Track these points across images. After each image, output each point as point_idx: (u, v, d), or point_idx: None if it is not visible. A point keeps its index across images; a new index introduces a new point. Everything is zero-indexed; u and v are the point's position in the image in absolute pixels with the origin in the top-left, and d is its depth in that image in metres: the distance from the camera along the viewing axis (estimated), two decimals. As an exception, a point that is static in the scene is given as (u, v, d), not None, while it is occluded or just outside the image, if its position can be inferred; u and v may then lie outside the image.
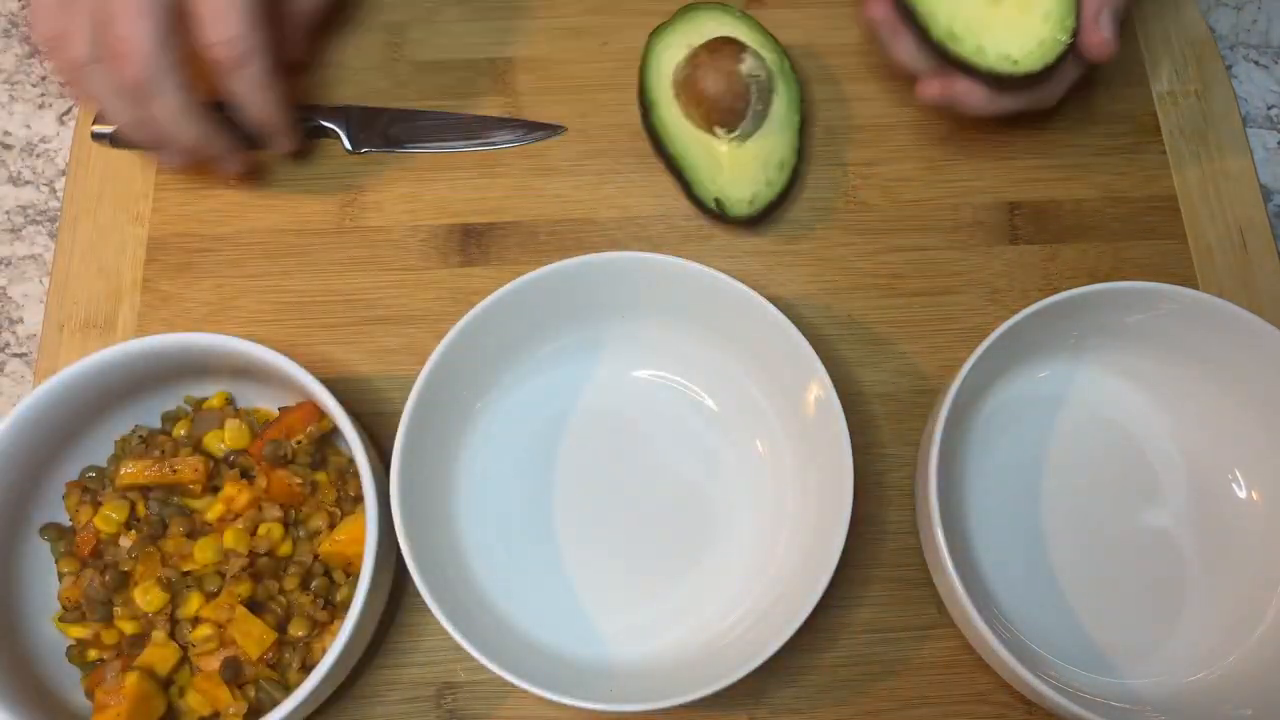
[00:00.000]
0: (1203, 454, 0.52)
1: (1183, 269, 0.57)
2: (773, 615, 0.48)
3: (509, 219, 0.58)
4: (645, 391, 0.54)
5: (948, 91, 0.52)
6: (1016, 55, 0.49)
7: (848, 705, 0.50)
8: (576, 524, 0.52)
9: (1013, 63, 0.49)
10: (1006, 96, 0.52)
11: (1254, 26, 0.65)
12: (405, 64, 0.61)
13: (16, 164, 0.62)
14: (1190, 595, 0.51)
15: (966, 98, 0.52)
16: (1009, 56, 0.49)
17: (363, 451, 0.46)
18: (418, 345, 0.55)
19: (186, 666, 0.47)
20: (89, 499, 0.49)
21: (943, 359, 0.55)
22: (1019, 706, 0.50)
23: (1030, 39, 0.49)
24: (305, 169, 0.59)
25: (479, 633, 0.45)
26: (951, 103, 0.53)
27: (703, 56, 0.55)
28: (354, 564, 0.48)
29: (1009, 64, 0.49)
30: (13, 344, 0.58)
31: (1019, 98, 0.52)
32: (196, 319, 0.57)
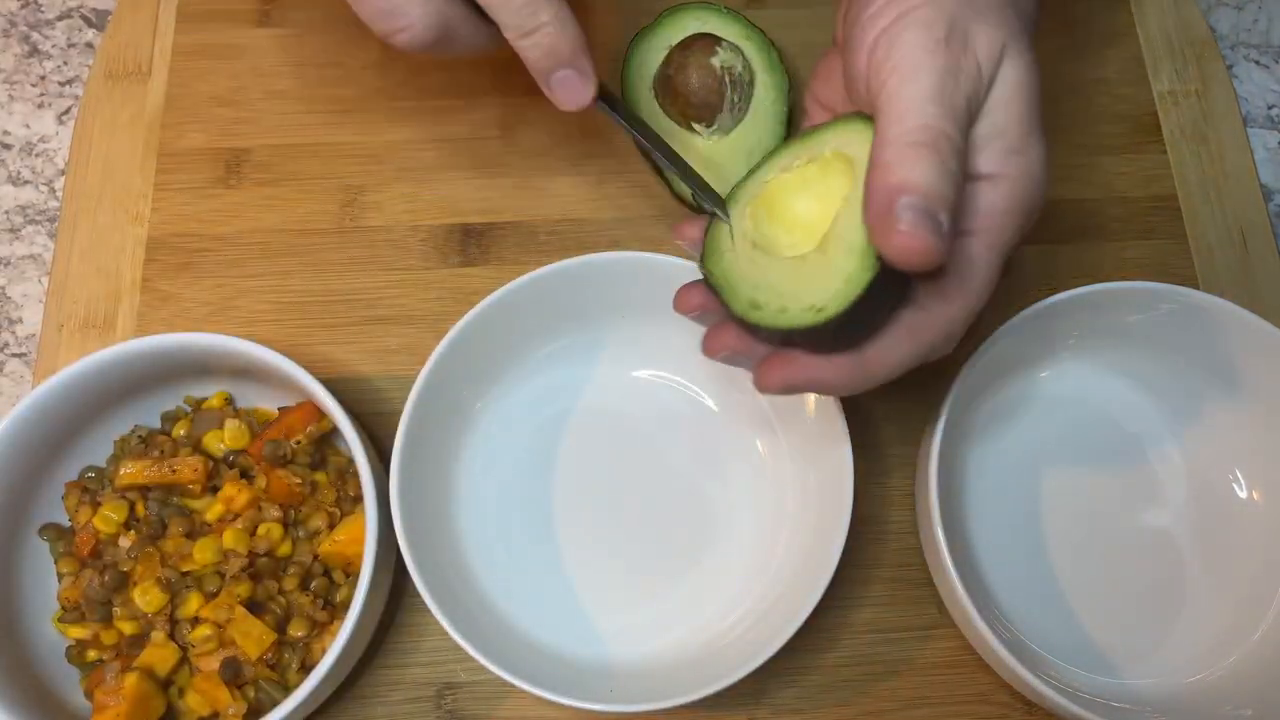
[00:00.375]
0: (1203, 454, 0.52)
1: (1183, 269, 0.57)
2: (773, 615, 0.47)
3: (509, 219, 0.58)
4: (645, 391, 0.54)
5: (790, 375, 0.40)
6: (822, 300, 0.38)
7: (848, 705, 0.50)
8: (576, 524, 0.52)
9: (817, 311, 0.38)
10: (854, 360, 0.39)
11: (1254, 26, 0.65)
12: (404, 63, 0.61)
13: (16, 164, 0.62)
14: (1191, 595, 0.50)
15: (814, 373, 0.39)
16: (814, 306, 0.38)
17: (362, 451, 0.46)
18: (418, 345, 0.55)
19: (186, 667, 0.47)
20: (88, 499, 0.49)
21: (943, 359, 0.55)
22: (1019, 707, 0.50)
23: (836, 278, 0.38)
24: (305, 167, 0.59)
25: (479, 633, 0.45)
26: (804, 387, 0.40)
27: (677, 54, 0.55)
28: (354, 564, 0.48)
29: (814, 314, 0.38)
30: (12, 344, 0.58)
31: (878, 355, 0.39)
32: (196, 319, 0.56)
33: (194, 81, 0.61)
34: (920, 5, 0.38)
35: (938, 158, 0.36)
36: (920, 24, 0.38)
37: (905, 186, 0.36)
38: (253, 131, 0.60)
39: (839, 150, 0.41)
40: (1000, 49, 0.39)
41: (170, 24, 0.62)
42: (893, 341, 0.39)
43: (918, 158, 0.36)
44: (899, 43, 0.38)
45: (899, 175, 0.36)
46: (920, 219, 0.35)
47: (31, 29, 0.64)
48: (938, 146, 0.36)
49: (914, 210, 0.35)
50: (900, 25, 0.38)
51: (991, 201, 0.39)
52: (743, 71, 0.55)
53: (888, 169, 0.36)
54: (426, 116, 0.60)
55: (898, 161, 0.36)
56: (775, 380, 0.40)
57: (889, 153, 0.36)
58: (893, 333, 0.39)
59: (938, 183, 0.36)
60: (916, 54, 0.37)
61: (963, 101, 0.38)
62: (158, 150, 0.60)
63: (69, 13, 0.65)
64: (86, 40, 0.64)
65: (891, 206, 0.35)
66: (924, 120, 0.37)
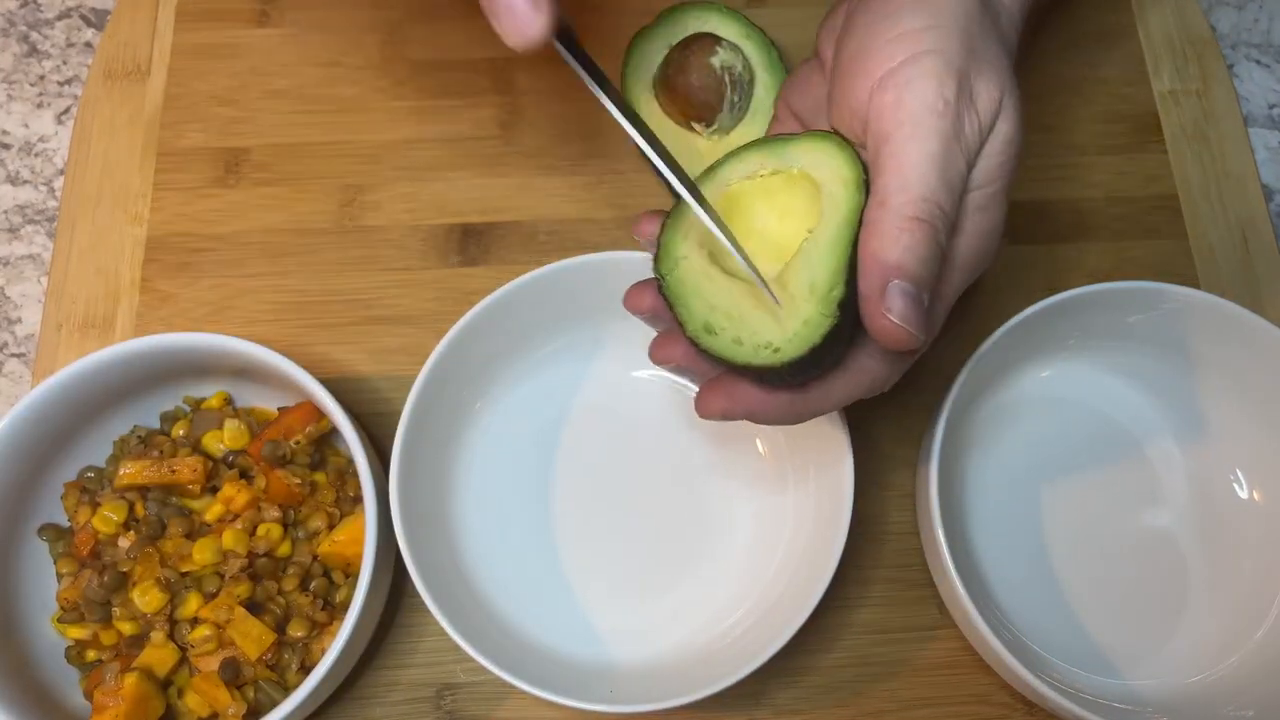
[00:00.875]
0: (1204, 454, 0.52)
1: (1184, 269, 0.57)
2: (773, 616, 0.47)
3: (509, 219, 0.58)
4: (645, 391, 0.54)
5: (731, 406, 0.40)
6: (778, 342, 0.37)
7: (848, 706, 0.50)
8: (576, 524, 0.52)
9: (773, 351, 0.37)
10: (795, 396, 0.39)
11: (1255, 26, 0.65)
12: (404, 63, 0.61)
13: (15, 163, 0.62)
14: (1191, 596, 0.50)
15: (755, 406, 0.40)
16: (770, 344, 0.38)
17: (362, 452, 0.46)
18: (417, 345, 0.55)
19: (185, 667, 0.47)
20: (87, 499, 0.49)
21: (943, 359, 0.55)
22: (1020, 708, 0.50)
23: (794, 319, 0.37)
24: (305, 167, 0.59)
25: (478, 633, 0.45)
26: (742, 417, 0.40)
27: (676, 54, 0.55)
28: (353, 564, 0.48)
29: (769, 353, 0.37)
30: (11, 344, 0.58)
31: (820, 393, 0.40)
32: (195, 319, 0.56)
33: (193, 81, 0.61)
34: (931, 51, 0.38)
35: (934, 238, 0.37)
36: (931, 76, 0.38)
37: (902, 269, 0.36)
38: (252, 131, 0.60)
39: (806, 171, 0.40)
40: (999, 101, 0.39)
41: (169, 24, 0.62)
42: (836, 382, 0.39)
43: (915, 237, 0.37)
44: (908, 94, 0.38)
45: (896, 255, 0.36)
46: (910, 308, 0.36)
47: (30, 28, 0.64)
48: (935, 225, 0.37)
49: (906, 298, 0.36)
50: (909, 73, 0.38)
51: (948, 253, 0.39)
52: (743, 71, 0.55)
53: (886, 242, 0.37)
54: (426, 116, 0.60)
55: (896, 236, 0.37)
56: (716, 409, 0.40)
57: (889, 224, 0.37)
58: (839, 374, 0.39)
59: (929, 265, 0.37)
60: (925, 114, 0.37)
61: (963, 167, 0.38)
62: (157, 150, 0.60)
63: (68, 12, 0.65)
64: (85, 40, 0.64)
65: (884, 287, 0.36)
66: (925, 192, 0.37)
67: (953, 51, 0.38)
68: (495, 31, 0.39)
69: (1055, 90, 0.61)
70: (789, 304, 0.38)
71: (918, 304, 0.36)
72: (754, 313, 0.39)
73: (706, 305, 0.39)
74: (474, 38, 0.62)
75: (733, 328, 0.39)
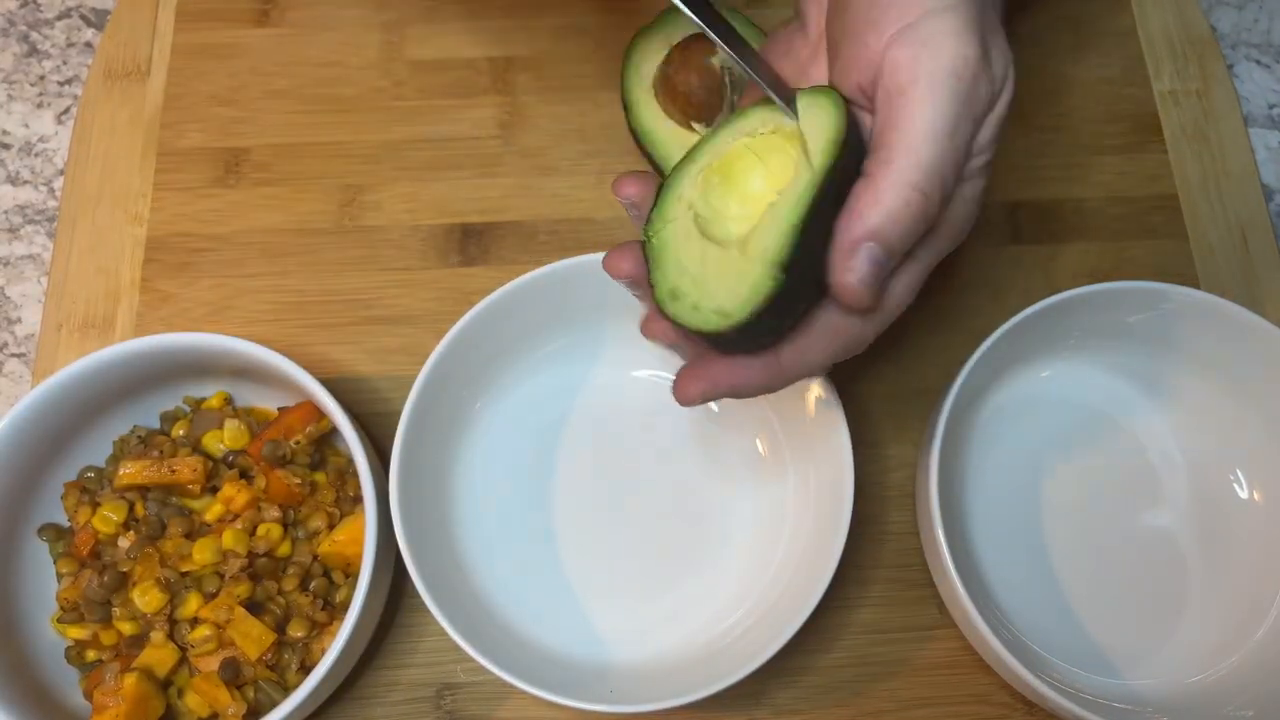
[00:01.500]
0: (1204, 454, 0.52)
1: (1184, 269, 0.57)
2: (773, 616, 0.47)
3: (509, 219, 0.58)
4: (645, 391, 0.54)
5: (707, 387, 0.39)
6: (729, 306, 0.37)
7: (848, 706, 0.50)
8: (576, 524, 0.52)
9: (724, 316, 0.37)
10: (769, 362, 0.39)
11: (1255, 26, 0.65)
12: (404, 63, 0.61)
13: (15, 164, 0.62)
14: (1191, 596, 0.50)
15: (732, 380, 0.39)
16: (721, 309, 0.37)
17: (362, 452, 0.46)
18: (417, 345, 0.55)
19: (185, 667, 0.47)
20: (87, 499, 0.49)
21: (943, 359, 0.55)
22: (1020, 707, 0.50)
23: (744, 283, 0.37)
24: (304, 167, 0.59)
25: (478, 634, 0.45)
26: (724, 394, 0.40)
27: (676, 54, 0.55)
28: (353, 564, 0.48)
29: (719, 318, 0.37)
30: (11, 344, 0.58)
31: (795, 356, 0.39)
32: (195, 319, 0.56)
33: (193, 81, 0.61)
34: (952, 7, 0.36)
35: (926, 212, 0.36)
36: (952, 34, 0.36)
37: (880, 235, 0.36)
38: (252, 131, 0.60)
39: (801, 128, 0.39)
40: (1007, 68, 0.38)
41: (169, 24, 0.62)
42: (808, 344, 0.39)
43: (908, 208, 0.36)
44: (927, 51, 0.36)
45: (879, 219, 0.36)
46: (874, 274, 0.36)
47: (31, 28, 0.64)
48: (931, 199, 0.36)
49: (874, 263, 0.36)
50: (930, 28, 0.36)
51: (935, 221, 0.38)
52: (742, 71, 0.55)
53: (878, 205, 0.36)
54: (426, 116, 0.60)
55: (888, 202, 0.36)
56: (694, 393, 0.39)
57: (886, 187, 0.36)
58: (808, 335, 0.39)
59: (910, 238, 0.36)
60: (944, 74, 0.36)
61: (970, 134, 0.37)
62: (157, 150, 0.60)
63: (68, 12, 0.65)
64: (86, 40, 0.64)
65: (856, 247, 0.36)
66: (932, 162, 0.36)
67: (972, 10, 0.36)
68: None
69: (1056, 90, 0.61)
70: (743, 271, 0.37)
71: (882, 272, 0.36)
72: (716, 278, 0.38)
73: (677, 269, 0.39)
74: (474, 38, 0.62)
75: (694, 293, 0.38)
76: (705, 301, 0.38)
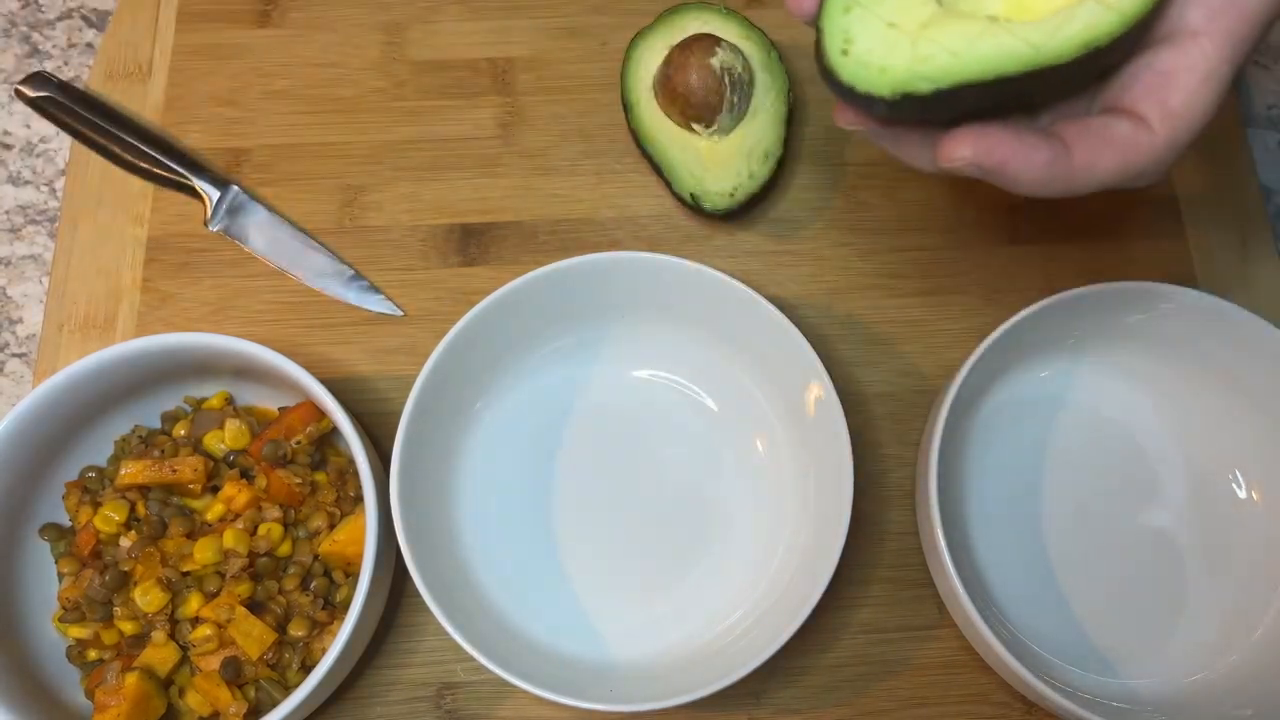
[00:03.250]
0: (1203, 454, 0.52)
1: (1183, 269, 0.57)
2: (773, 615, 0.47)
3: (509, 219, 0.58)
4: (645, 391, 0.54)
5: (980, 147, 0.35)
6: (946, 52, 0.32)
7: (848, 706, 0.50)
8: (576, 524, 0.52)
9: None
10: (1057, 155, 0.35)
11: (1255, 26, 0.65)
12: (404, 64, 0.61)
13: (16, 164, 0.62)
14: (1190, 595, 0.50)
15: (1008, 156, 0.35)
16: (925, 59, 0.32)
17: (362, 451, 0.46)
18: (418, 345, 0.55)
19: (186, 667, 0.47)
20: (89, 499, 0.49)
21: (943, 359, 0.55)
22: (1019, 707, 0.50)
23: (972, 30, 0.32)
24: (305, 167, 0.59)
25: (478, 633, 0.45)
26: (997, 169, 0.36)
27: (676, 54, 0.55)
28: (354, 564, 0.48)
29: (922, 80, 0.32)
30: (12, 344, 0.58)
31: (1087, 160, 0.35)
32: (196, 319, 0.56)
33: (194, 82, 0.61)
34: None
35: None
36: None
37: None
38: (252, 131, 0.60)
39: None
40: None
41: (170, 24, 0.62)
42: (1101, 149, 0.35)
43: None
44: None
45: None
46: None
47: (32, 29, 0.65)
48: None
49: None
50: None
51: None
52: (742, 71, 0.55)
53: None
54: (426, 116, 0.60)
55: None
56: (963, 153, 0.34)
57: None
58: (1103, 139, 0.35)
59: None
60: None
61: None
62: (158, 150, 0.60)
63: (69, 13, 0.65)
64: (87, 40, 0.64)
65: None
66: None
67: None
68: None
69: (1055, 90, 0.61)
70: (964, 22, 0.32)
71: None
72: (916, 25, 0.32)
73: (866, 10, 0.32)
74: (474, 38, 0.62)
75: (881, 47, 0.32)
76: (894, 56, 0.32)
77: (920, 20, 0.32)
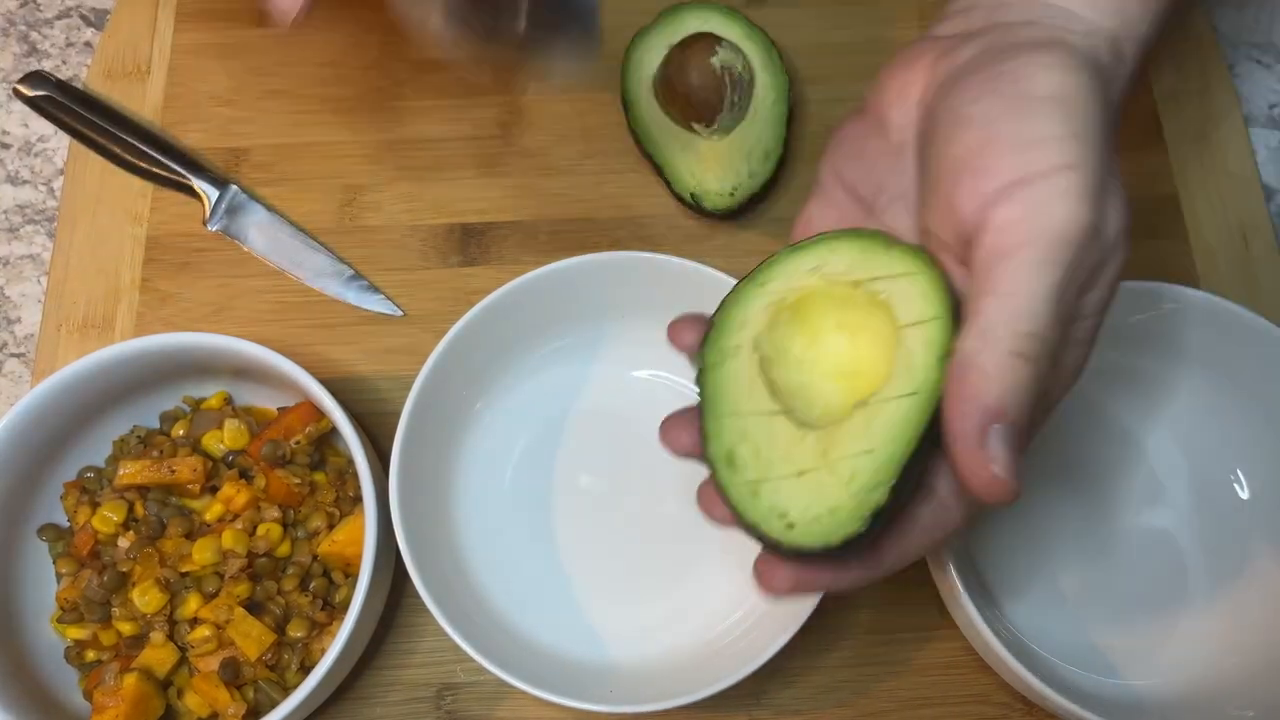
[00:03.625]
0: (1204, 454, 0.52)
1: (1184, 269, 0.57)
2: (773, 616, 0.47)
3: (509, 219, 0.58)
4: (645, 391, 0.54)
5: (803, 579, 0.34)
6: (794, 515, 0.32)
7: (848, 706, 0.50)
8: (576, 524, 0.52)
9: (787, 526, 0.32)
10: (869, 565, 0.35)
11: (1256, 25, 0.65)
12: (404, 63, 0.61)
13: (14, 163, 0.61)
14: (1192, 596, 0.50)
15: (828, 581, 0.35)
16: (785, 515, 0.32)
17: (361, 452, 0.46)
18: (418, 345, 0.55)
19: (185, 667, 0.47)
20: (87, 499, 0.49)
21: (943, 359, 0.55)
22: (1020, 707, 0.50)
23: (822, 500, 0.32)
24: (304, 167, 0.59)
25: (478, 634, 0.45)
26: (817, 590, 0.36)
27: (676, 54, 0.55)
28: (353, 565, 0.48)
29: (781, 525, 0.32)
30: (10, 344, 0.58)
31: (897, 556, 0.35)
32: (195, 319, 0.56)
33: (193, 81, 0.61)
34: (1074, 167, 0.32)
35: (1037, 378, 0.32)
36: (1072, 198, 0.32)
37: (1002, 412, 0.31)
38: (252, 131, 0.60)
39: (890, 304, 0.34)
40: (1121, 226, 0.34)
41: (169, 23, 0.62)
42: (909, 542, 0.35)
43: (1019, 376, 0.31)
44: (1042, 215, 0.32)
45: (998, 396, 0.31)
46: (1013, 458, 0.31)
47: (30, 28, 0.64)
48: (1039, 364, 0.32)
49: (1009, 447, 0.31)
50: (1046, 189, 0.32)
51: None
52: (742, 71, 0.55)
53: (989, 381, 0.31)
54: (426, 116, 0.60)
55: (1000, 375, 0.31)
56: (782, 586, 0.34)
57: (992, 360, 0.31)
58: (911, 534, 0.35)
59: (1028, 408, 0.32)
60: (1058, 242, 0.32)
61: (1075, 296, 0.33)
62: (157, 150, 0.60)
63: (67, 12, 0.65)
64: (85, 40, 0.64)
65: (984, 434, 0.31)
66: (1037, 327, 0.32)
67: (1095, 169, 0.33)
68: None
69: (1055, 90, 0.61)
70: (825, 473, 0.33)
71: (1018, 452, 0.31)
72: (784, 464, 0.33)
73: (739, 429, 0.34)
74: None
75: (755, 470, 0.33)
76: (769, 494, 0.33)
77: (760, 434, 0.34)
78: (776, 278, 0.36)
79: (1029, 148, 0.32)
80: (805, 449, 0.33)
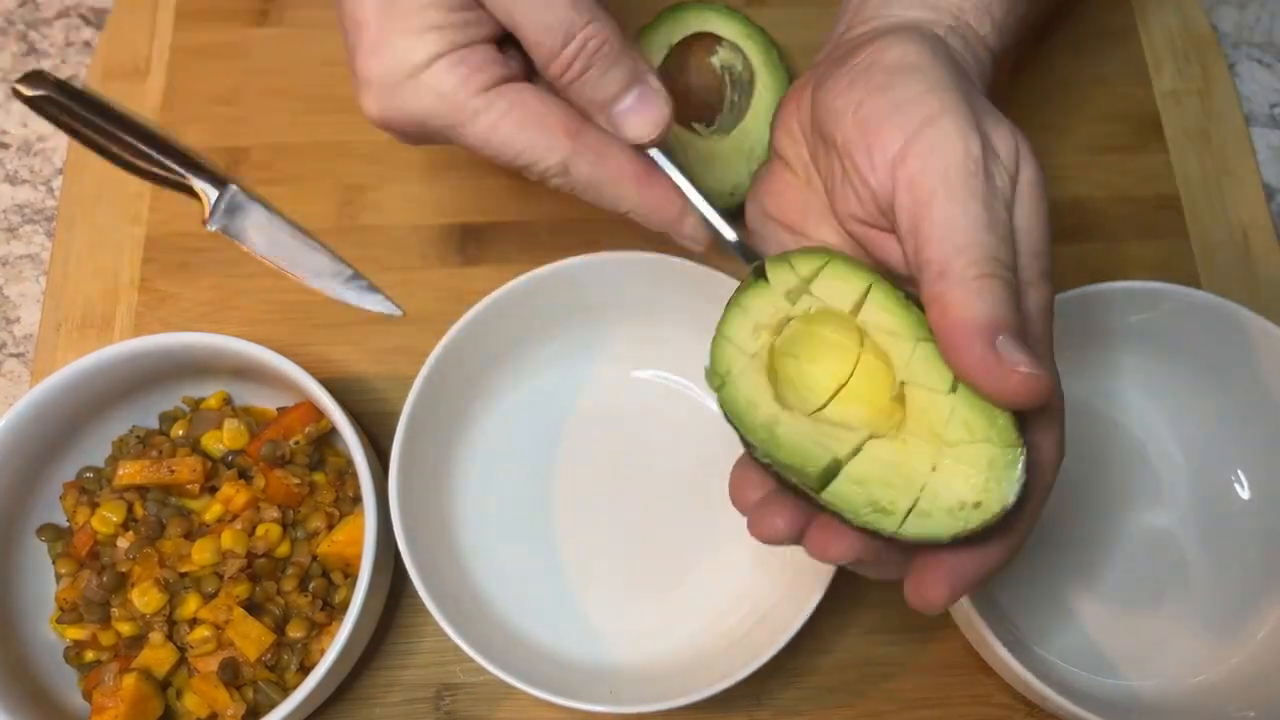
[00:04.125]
0: (1205, 454, 0.52)
1: (1185, 269, 0.57)
2: (773, 616, 0.47)
3: (509, 219, 0.58)
4: (645, 391, 0.54)
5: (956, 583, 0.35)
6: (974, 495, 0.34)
7: (849, 707, 0.50)
8: (576, 524, 0.52)
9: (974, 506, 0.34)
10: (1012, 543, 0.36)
11: (1257, 25, 0.65)
12: (404, 63, 0.61)
13: (13, 163, 0.61)
14: (1192, 596, 0.50)
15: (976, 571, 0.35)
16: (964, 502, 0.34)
17: (361, 452, 0.46)
18: (417, 345, 0.55)
19: (184, 668, 0.47)
20: (86, 499, 0.49)
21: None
22: (1021, 708, 0.50)
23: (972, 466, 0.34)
24: (304, 167, 0.59)
25: (477, 634, 0.45)
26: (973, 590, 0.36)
27: (676, 53, 0.55)
28: (352, 565, 0.48)
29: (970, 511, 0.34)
30: (10, 344, 0.58)
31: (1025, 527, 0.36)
32: (194, 318, 0.56)
33: (192, 81, 0.61)
34: (943, 112, 0.35)
35: (1007, 284, 0.34)
36: (954, 137, 0.35)
37: (997, 323, 0.33)
38: (251, 131, 0.60)
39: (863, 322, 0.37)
40: (1016, 148, 0.37)
41: (169, 23, 0.62)
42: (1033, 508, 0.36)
43: (993, 290, 0.34)
44: (934, 160, 0.35)
45: (983, 312, 0.33)
46: (1029, 354, 0.33)
47: (29, 28, 0.64)
48: (1005, 278, 0.34)
49: (1019, 348, 0.33)
50: (930, 138, 0.35)
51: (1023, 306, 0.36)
52: (742, 71, 0.55)
53: (968, 305, 0.33)
54: (426, 116, 0.60)
55: (975, 297, 0.33)
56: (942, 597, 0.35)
57: (960, 289, 0.33)
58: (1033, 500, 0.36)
59: (1016, 314, 0.34)
60: (959, 176, 0.34)
61: (1007, 218, 0.36)
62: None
63: (67, 11, 0.65)
64: (85, 39, 0.64)
65: (992, 348, 0.33)
66: (984, 251, 0.34)
67: (962, 109, 0.36)
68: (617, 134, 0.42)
69: (1056, 90, 0.61)
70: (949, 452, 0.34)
71: (1028, 348, 0.33)
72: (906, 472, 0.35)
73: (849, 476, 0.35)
74: (474, 37, 0.62)
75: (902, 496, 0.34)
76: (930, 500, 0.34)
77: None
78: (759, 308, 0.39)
79: (899, 111, 0.36)
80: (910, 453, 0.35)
